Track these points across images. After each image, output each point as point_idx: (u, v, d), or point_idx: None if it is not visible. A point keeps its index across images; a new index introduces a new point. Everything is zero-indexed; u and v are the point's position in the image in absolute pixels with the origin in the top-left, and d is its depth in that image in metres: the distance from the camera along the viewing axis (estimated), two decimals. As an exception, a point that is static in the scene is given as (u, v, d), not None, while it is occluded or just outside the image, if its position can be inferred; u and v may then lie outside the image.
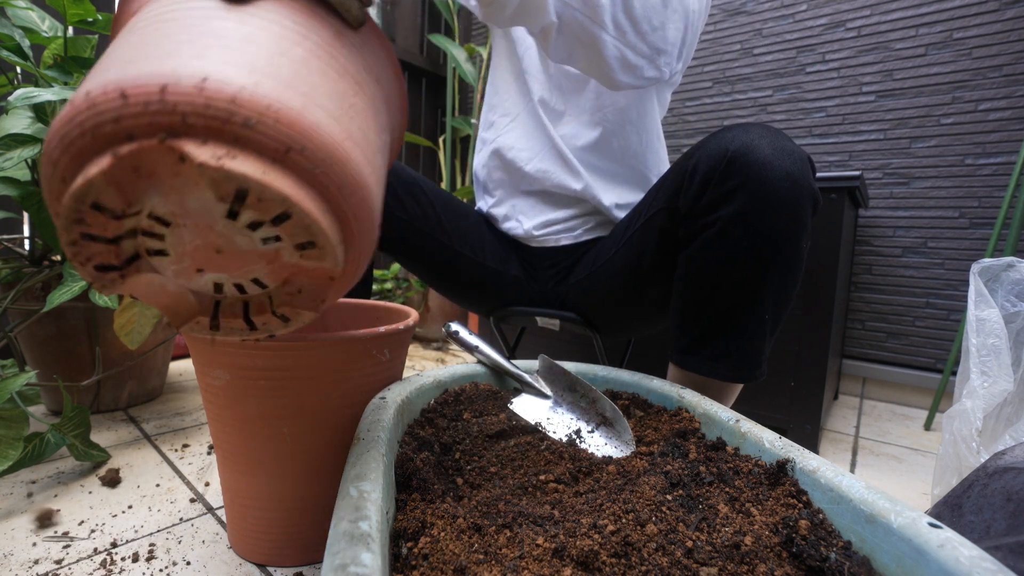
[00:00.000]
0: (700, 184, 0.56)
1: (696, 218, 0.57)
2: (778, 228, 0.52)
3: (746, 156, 0.52)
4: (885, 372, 1.32)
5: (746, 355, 0.57)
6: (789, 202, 0.52)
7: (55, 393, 0.93)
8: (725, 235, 0.54)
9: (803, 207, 0.53)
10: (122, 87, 0.21)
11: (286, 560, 0.54)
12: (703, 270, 0.57)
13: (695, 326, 0.59)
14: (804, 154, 0.55)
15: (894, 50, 1.26)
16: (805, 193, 0.53)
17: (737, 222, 0.53)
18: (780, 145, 0.53)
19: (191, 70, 0.21)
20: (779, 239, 0.53)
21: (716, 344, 0.58)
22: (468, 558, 0.29)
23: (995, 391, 0.58)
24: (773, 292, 0.55)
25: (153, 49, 0.23)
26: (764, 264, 0.54)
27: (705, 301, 0.57)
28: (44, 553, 0.55)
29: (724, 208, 0.54)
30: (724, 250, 0.54)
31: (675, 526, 0.34)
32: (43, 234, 0.79)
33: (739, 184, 0.53)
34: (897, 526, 0.30)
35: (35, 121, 0.76)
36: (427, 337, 1.78)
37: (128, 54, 0.23)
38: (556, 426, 0.51)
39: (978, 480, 0.43)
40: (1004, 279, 0.64)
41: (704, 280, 0.57)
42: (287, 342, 0.47)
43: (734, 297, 0.56)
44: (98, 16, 0.81)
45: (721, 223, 0.54)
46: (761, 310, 0.56)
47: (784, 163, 0.52)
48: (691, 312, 0.59)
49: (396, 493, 0.37)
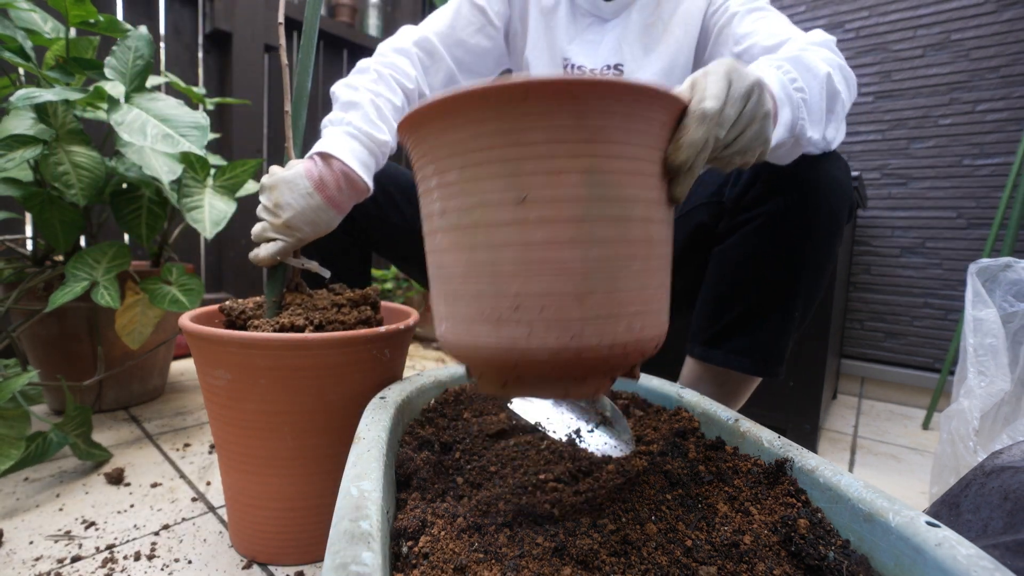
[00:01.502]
0: (749, 178, 0.56)
1: (740, 212, 0.57)
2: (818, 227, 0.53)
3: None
4: (883, 372, 1.32)
5: (771, 351, 0.58)
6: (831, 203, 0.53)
7: (57, 393, 0.93)
8: (767, 230, 0.55)
9: (842, 209, 0.54)
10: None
11: (287, 559, 0.54)
12: (740, 263, 0.57)
13: (723, 319, 0.59)
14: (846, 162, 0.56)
15: (892, 51, 1.27)
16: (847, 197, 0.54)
17: (780, 218, 0.54)
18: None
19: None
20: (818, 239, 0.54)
21: (742, 337, 0.58)
22: (468, 557, 0.29)
23: (992, 391, 0.59)
24: (804, 291, 0.56)
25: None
26: (800, 262, 0.54)
27: (737, 294, 0.58)
28: (46, 551, 0.55)
29: (770, 203, 0.55)
30: (764, 245, 0.55)
31: (674, 525, 0.34)
32: (45, 235, 0.79)
33: (788, 180, 0.53)
34: (895, 525, 0.31)
35: (37, 122, 0.77)
36: (427, 337, 1.78)
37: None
38: (556, 425, 0.52)
39: (975, 479, 0.43)
40: (1002, 279, 0.64)
41: (739, 273, 0.57)
42: (287, 342, 0.47)
43: (766, 292, 0.56)
44: (99, 18, 0.81)
45: (764, 217, 0.55)
46: (792, 307, 0.57)
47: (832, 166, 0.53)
48: (721, 304, 0.59)
49: (397, 492, 0.38)
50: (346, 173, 0.56)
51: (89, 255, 0.79)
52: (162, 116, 0.73)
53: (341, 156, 0.56)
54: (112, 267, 0.80)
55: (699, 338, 0.62)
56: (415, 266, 0.82)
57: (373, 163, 0.60)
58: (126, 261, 0.82)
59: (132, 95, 0.76)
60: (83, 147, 0.79)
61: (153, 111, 0.73)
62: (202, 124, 0.74)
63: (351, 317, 0.55)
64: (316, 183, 0.54)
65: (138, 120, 0.71)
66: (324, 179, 0.54)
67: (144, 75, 0.79)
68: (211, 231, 0.80)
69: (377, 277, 1.75)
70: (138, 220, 0.87)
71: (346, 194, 0.56)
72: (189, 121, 0.74)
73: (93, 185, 0.78)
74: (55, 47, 0.84)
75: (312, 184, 0.54)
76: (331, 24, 1.73)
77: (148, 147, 0.76)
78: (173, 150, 0.70)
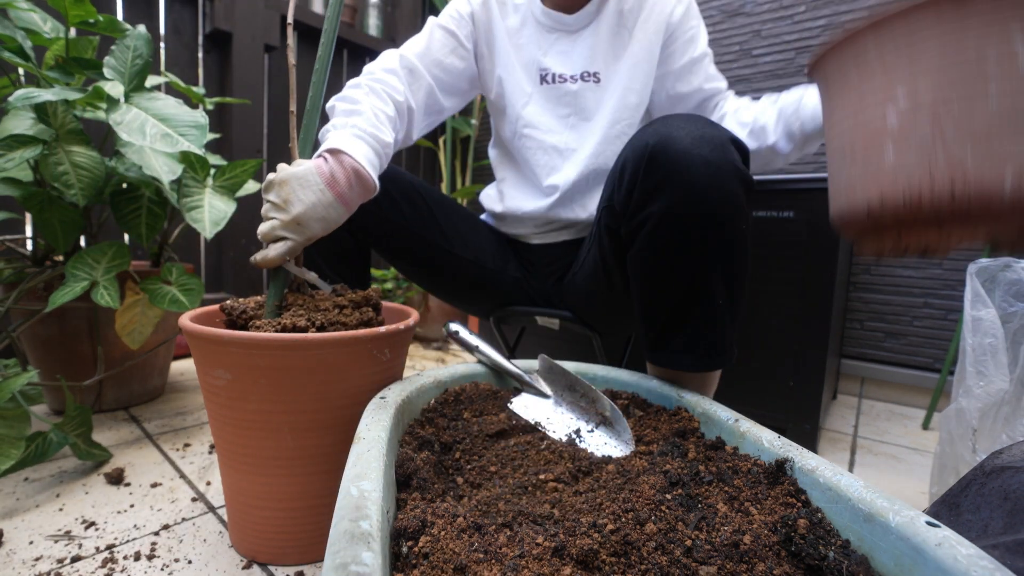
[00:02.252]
0: (628, 183, 0.56)
1: (631, 217, 0.57)
2: (708, 215, 0.52)
3: (665, 150, 0.52)
4: (883, 372, 1.32)
5: (709, 343, 0.57)
6: (714, 188, 0.51)
7: (57, 393, 0.93)
8: (659, 230, 0.54)
9: (730, 190, 0.52)
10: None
11: (287, 559, 0.54)
12: (648, 267, 0.57)
13: (655, 322, 0.59)
14: (726, 136, 0.54)
15: (893, 51, 1.26)
16: (729, 176, 0.52)
17: (667, 216, 0.53)
18: (699, 132, 0.53)
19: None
20: (712, 226, 0.52)
21: (678, 338, 0.58)
22: (468, 557, 0.29)
23: (991, 391, 0.59)
24: (721, 278, 0.55)
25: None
26: (703, 252, 0.53)
27: (657, 297, 0.58)
28: (46, 551, 0.55)
29: (653, 204, 0.54)
30: (662, 245, 0.55)
31: (674, 525, 0.34)
32: (45, 235, 0.79)
33: (662, 179, 0.53)
34: (895, 525, 0.31)
35: (37, 122, 0.77)
36: (427, 337, 1.79)
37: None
38: (556, 425, 0.52)
39: (975, 479, 0.43)
40: (1001, 279, 0.64)
41: (652, 277, 0.57)
42: (287, 342, 0.47)
43: (682, 289, 0.56)
44: (99, 17, 0.81)
45: (653, 220, 0.54)
46: (713, 297, 0.56)
47: (703, 150, 0.52)
48: (648, 309, 0.59)
49: (396, 492, 0.38)
50: (357, 170, 0.56)
51: (89, 255, 0.79)
52: (161, 116, 0.73)
53: (352, 153, 0.57)
54: (112, 267, 0.80)
55: (644, 343, 0.62)
56: (414, 265, 0.82)
57: (379, 164, 0.61)
58: (126, 261, 0.82)
59: (131, 95, 0.76)
60: (83, 147, 0.79)
61: (152, 111, 0.73)
62: (201, 123, 0.74)
63: (353, 318, 0.55)
64: (327, 179, 0.54)
65: (137, 120, 0.71)
66: (335, 175, 0.55)
67: (143, 75, 0.79)
68: (211, 231, 0.79)
69: (377, 277, 1.75)
70: (138, 220, 0.87)
71: (356, 191, 0.57)
72: (188, 120, 0.73)
73: (93, 185, 0.78)
74: (55, 47, 0.84)
75: (324, 180, 0.54)
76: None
77: (147, 147, 0.75)
78: (172, 149, 0.70)
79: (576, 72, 0.79)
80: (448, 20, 0.79)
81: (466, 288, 0.85)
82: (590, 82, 0.78)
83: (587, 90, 0.79)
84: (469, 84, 0.83)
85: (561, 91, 0.80)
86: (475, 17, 0.80)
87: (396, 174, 0.81)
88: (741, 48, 1.50)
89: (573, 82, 0.79)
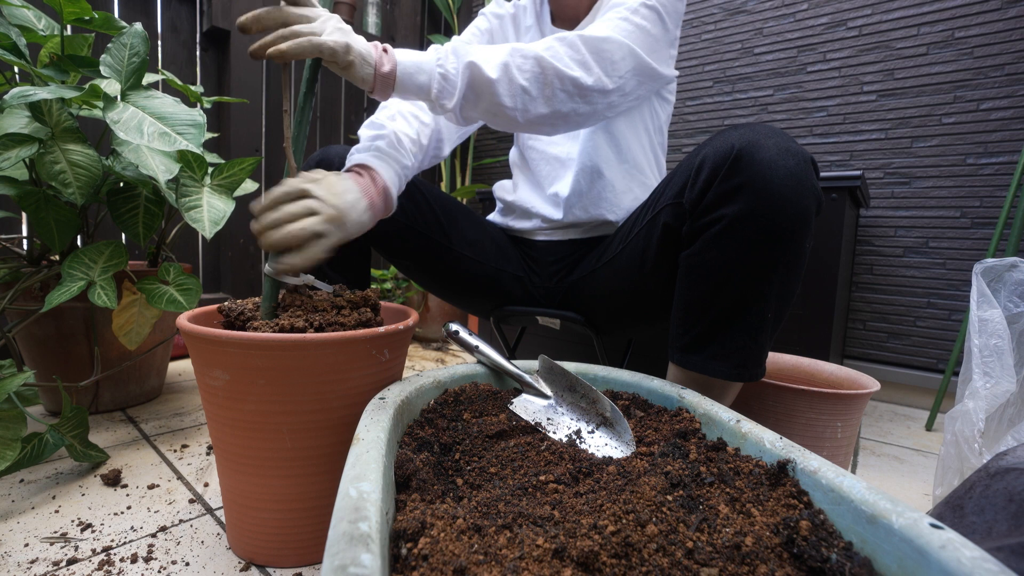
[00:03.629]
0: (706, 181, 0.56)
1: (700, 215, 0.57)
2: (782, 227, 0.52)
3: (752, 154, 0.53)
4: (886, 372, 1.32)
5: (748, 354, 0.57)
6: (793, 201, 0.52)
7: (54, 393, 0.93)
8: (729, 233, 0.54)
9: (806, 207, 0.53)
10: None
11: (286, 561, 0.54)
12: (707, 268, 0.56)
13: (697, 324, 0.59)
14: (808, 155, 0.55)
15: (895, 49, 1.26)
16: (808, 193, 0.53)
17: (741, 220, 0.53)
18: (785, 145, 0.53)
19: None
20: (783, 238, 0.53)
21: (718, 343, 0.58)
22: (468, 559, 0.29)
23: (997, 392, 0.58)
24: (776, 291, 0.55)
25: None
26: (767, 263, 0.54)
27: (708, 299, 0.57)
28: (41, 554, 0.54)
29: (729, 206, 0.54)
30: (728, 248, 0.54)
31: (676, 527, 0.34)
32: (41, 234, 0.79)
33: (744, 182, 0.53)
34: (898, 527, 0.30)
35: (32, 120, 0.76)
36: (427, 337, 1.78)
37: None
38: (556, 426, 0.51)
39: (980, 481, 0.42)
40: (1007, 279, 0.63)
41: (708, 278, 0.57)
42: (285, 342, 0.47)
43: (737, 295, 0.55)
44: (94, 15, 0.81)
45: (726, 221, 0.54)
46: (764, 309, 0.56)
47: (788, 162, 0.52)
48: (694, 310, 0.59)
49: (396, 494, 0.37)
50: (386, 188, 0.60)
51: (85, 255, 0.79)
52: (159, 114, 0.72)
53: (382, 173, 0.60)
54: (109, 267, 0.80)
55: (677, 344, 0.61)
56: (415, 263, 0.82)
57: (399, 185, 0.65)
58: (123, 261, 0.81)
59: (128, 93, 0.76)
60: (79, 145, 0.78)
61: (150, 109, 0.73)
62: (199, 122, 0.73)
63: (351, 319, 0.55)
64: (363, 187, 0.57)
65: (135, 118, 0.70)
66: (368, 188, 0.58)
67: (140, 72, 0.79)
68: (210, 231, 0.79)
69: (376, 277, 1.74)
70: (135, 219, 0.87)
71: (380, 208, 0.60)
72: (186, 119, 0.73)
73: (89, 184, 0.77)
74: (50, 44, 0.84)
75: (360, 187, 0.57)
76: (330, 22, 1.73)
77: (145, 145, 0.75)
78: (170, 148, 0.69)
79: None
80: (470, 36, 0.85)
81: (466, 285, 0.84)
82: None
83: None
84: None
85: None
86: (492, 32, 0.85)
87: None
88: (743, 46, 1.49)
89: None
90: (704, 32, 1.54)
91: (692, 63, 1.58)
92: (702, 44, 1.55)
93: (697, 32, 1.56)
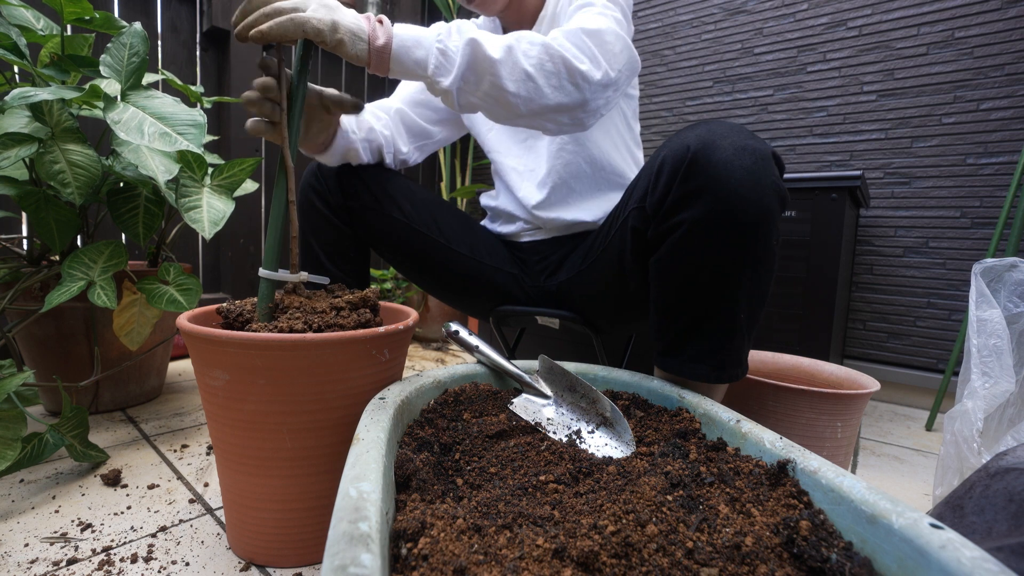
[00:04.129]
0: (664, 185, 0.55)
1: (662, 220, 0.56)
2: (744, 227, 0.51)
3: (708, 156, 0.51)
4: (886, 372, 1.32)
5: (726, 355, 0.57)
6: (752, 201, 0.51)
7: (54, 393, 0.93)
8: (691, 237, 0.53)
9: (767, 205, 0.51)
10: None
11: (285, 561, 0.54)
12: (674, 273, 0.56)
13: (671, 329, 0.58)
14: (767, 150, 0.53)
15: (895, 49, 1.26)
16: (768, 191, 0.51)
17: (702, 224, 0.52)
18: (741, 143, 0.52)
19: None
20: (746, 238, 0.52)
21: (693, 346, 0.57)
22: (468, 559, 0.29)
23: (996, 392, 0.58)
24: (746, 291, 0.54)
25: None
26: (734, 264, 0.53)
27: (679, 303, 0.57)
28: (41, 554, 0.54)
29: (688, 210, 0.53)
30: (692, 252, 0.54)
31: (676, 527, 0.34)
32: (41, 234, 0.79)
33: (701, 185, 0.52)
34: (898, 527, 0.30)
35: (32, 120, 0.76)
36: (427, 337, 1.78)
37: None
38: (556, 426, 0.51)
39: (980, 481, 0.42)
40: (1007, 279, 0.63)
41: (676, 283, 0.56)
42: (285, 342, 0.47)
43: (707, 298, 0.55)
44: (95, 15, 0.81)
45: (686, 225, 0.53)
46: (735, 310, 0.55)
47: (744, 161, 0.51)
48: (667, 314, 0.58)
49: (396, 494, 0.37)
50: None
51: (85, 255, 0.79)
52: (159, 114, 0.72)
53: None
54: (109, 267, 0.80)
55: (656, 348, 0.61)
56: (414, 263, 0.82)
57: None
58: (123, 261, 0.81)
59: (128, 93, 0.76)
60: (79, 145, 0.78)
61: (150, 109, 0.73)
62: (200, 122, 0.73)
63: (350, 320, 0.55)
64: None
65: (135, 118, 0.70)
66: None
67: (140, 72, 0.79)
68: (210, 231, 0.79)
69: (376, 277, 1.74)
70: (135, 219, 0.87)
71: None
72: (186, 119, 0.73)
73: (89, 184, 0.77)
74: (50, 44, 0.84)
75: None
76: (330, 22, 1.73)
77: (145, 145, 0.75)
78: (171, 148, 0.69)
79: None
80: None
81: (464, 285, 0.85)
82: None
83: None
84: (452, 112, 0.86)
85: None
86: None
87: (394, 174, 0.82)
88: (743, 46, 1.49)
89: None
90: (704, 32, 1.54)
91: (692, 63, 1.57)
92: (702, 44, 1.55)
93: (697, 32, 1.56)
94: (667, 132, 1.64)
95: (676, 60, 1.61)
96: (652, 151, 1.67)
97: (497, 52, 0.56)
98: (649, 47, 1.66)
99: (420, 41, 0.56)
